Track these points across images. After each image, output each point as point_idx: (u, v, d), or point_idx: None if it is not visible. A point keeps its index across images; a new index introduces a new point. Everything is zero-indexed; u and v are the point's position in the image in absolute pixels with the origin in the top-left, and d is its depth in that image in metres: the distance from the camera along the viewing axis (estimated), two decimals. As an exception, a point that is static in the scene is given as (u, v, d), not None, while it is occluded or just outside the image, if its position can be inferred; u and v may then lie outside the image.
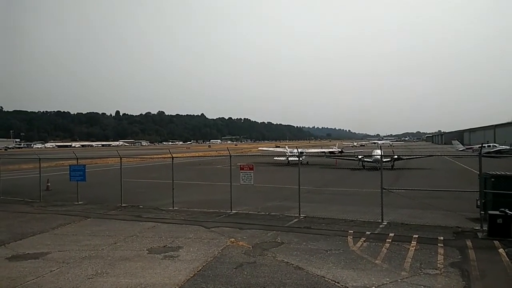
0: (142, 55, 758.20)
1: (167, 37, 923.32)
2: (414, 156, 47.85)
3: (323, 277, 8.85)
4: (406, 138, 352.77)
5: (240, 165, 17.69)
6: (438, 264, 9.59)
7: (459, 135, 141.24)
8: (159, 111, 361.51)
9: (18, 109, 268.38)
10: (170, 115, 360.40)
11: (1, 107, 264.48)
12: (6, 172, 36.56)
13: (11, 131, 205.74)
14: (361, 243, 11.69)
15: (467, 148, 73.32)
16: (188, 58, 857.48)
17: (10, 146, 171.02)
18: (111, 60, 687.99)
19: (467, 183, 23.99)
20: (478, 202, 13.79)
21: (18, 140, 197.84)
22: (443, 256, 10.20)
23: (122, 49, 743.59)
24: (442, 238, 11.98)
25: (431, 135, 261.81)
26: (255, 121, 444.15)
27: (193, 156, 74.01)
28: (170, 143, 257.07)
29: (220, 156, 70.05)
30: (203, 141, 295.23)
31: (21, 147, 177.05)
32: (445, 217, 15.19)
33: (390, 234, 12.54)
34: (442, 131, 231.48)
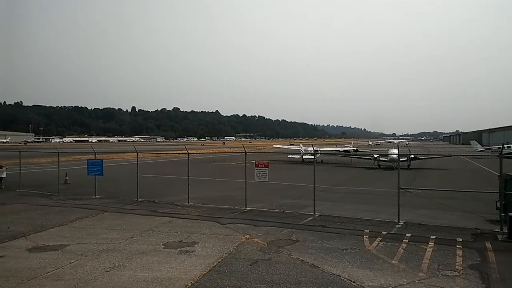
0: (158, 53, 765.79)
1: (183, 35, 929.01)
2: (431, 156, 47.15)
3: (339, 276, 8.80)
4: (423, 138, 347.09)
5: (255, 162, 17.70)
6: (457, 266, 9.44)
7: (478, 135, 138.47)
8: (174, 107, 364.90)
9: (37, 104, 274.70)
10: (185, 111, 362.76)
11: (21, 101, 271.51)
12: (26, 166, 37.41)
13: (30, 125, 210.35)
14: (377, 242, 11.58)
15: (486, 149, 71.86)
16: (203, 56, 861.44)
17: (29, 140, 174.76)
18: (128, 57, 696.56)
19: (486, 184, 23.55)
20: (498, 203, 13.50)
21: (33, 134, 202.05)
22: (461, 258, 10.02)
23: (139, 47, 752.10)
24: (460, 239, 11.78)
25: (448, 135, 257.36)
26: (269, 119, 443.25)
27: (208, 153, 74.37)
28: (185, 139, 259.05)
29: (235, 153, 70.22)
30: (217, 138, 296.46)
31: (40, 141, 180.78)
32: (464, 218, 14.93)
33: (407, 235, 12.39)
34: (460, 131, 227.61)
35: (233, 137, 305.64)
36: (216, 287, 8.19)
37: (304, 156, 47.62)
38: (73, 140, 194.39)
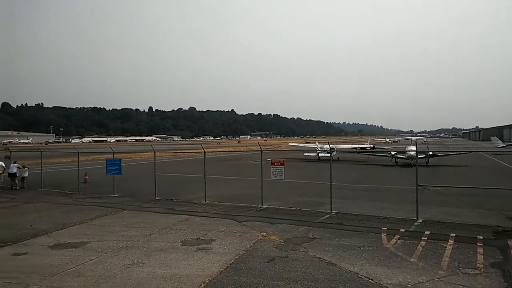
0: (174, 55, 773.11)
1: (196, 36, 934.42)
2: (450, 153, 46.27)
3: (357, 273, 8.74)
4: (441, 135, 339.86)
5: (271, 160, 17.67)
6: (478, 264, 9.25)
7: (499, 131, 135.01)
8: (190, 107, 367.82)
9: (57, 105, 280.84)
10: (201, 111, 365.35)
11: (42, 103, 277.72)
12: (47, 165, 38.33)
13: (50, 126, 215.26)
14: (395, 240, 11.45)
15: (507, 145, 70.08)
16: (218, 57, 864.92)
17: (50, 141, 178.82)
18: (145, 58, 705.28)
19: (508, 181, 22.99)
20: (521, 200, 13.18)
21: (54, 135, 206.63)
22: (483, 256, 9.82)
23: (154, 49, 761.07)
24: (481, 237, 11.53)
25: (468, 131, 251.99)
26: (284, 117, 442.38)
27: (224, 151, 74.68)
28: (201, 138, 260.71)
29: (251, 151, 70.35)
30: (233, 137, 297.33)
31: (60, 142, 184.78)
32: (484, 216, 14.61)
33: (426, 232, 12.20)
34: (479, 127, 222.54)
35: (249, 136, 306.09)
36: (234, 284, 8.24)
37: (320, 154, 47.35)
38: (92, 140, 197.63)
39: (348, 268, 9.09)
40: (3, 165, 25.11)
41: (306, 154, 50.31)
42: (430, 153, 38.42)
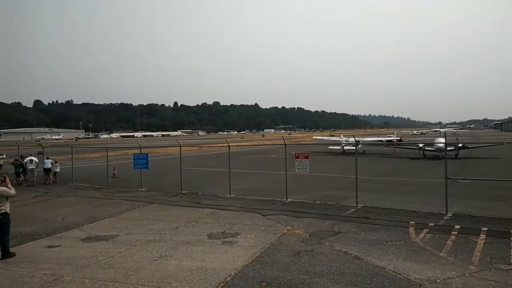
0: (197, 52, 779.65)
1: (218, 32, 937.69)
2: (481, 145, 44.72)
3: (384, 268, 8.62)
4: (472, 126, 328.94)
5: (295, 153, 17.59)
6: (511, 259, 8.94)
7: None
8: (215, 101, 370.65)
9: (86, 102, 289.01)
10: (225, 105, 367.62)
11: (71, 100, 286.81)
12: (78, 161, 39.45)
13: (80, 122, 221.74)
14: (423, 234, 11.20)
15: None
16: (241, 51, 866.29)
17: (80, 137, 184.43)
18: (170, 55, 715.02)
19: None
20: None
21: (83, 131, 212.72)
22: (516, 251, 9.48)
23: (180, 46, 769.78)
24: (515, 231, 11.13)
25: (500, 122, 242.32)
26: (308, 110, 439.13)
27: (248, 145, 74.88)
28: (225, 132, 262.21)
29: (275, 145, 70.20)
30: (257, 131, 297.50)
31: (90, 137, 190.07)
32: (518, 210, 14.07)
33: (456, 226, 11.87)
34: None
35: (273, 130, 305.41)
36: (259, 277, 8.29)
37: (345, 147, 46.76)
38: (120, 136, 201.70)
39: (375, 262, 8.98)
40: (37, 160, 26.06)
41: (330, 147, 49.79)
42: (460, 145, 37.23)
